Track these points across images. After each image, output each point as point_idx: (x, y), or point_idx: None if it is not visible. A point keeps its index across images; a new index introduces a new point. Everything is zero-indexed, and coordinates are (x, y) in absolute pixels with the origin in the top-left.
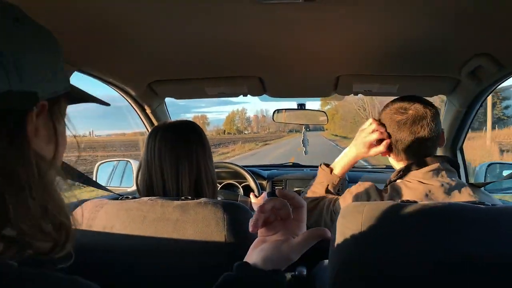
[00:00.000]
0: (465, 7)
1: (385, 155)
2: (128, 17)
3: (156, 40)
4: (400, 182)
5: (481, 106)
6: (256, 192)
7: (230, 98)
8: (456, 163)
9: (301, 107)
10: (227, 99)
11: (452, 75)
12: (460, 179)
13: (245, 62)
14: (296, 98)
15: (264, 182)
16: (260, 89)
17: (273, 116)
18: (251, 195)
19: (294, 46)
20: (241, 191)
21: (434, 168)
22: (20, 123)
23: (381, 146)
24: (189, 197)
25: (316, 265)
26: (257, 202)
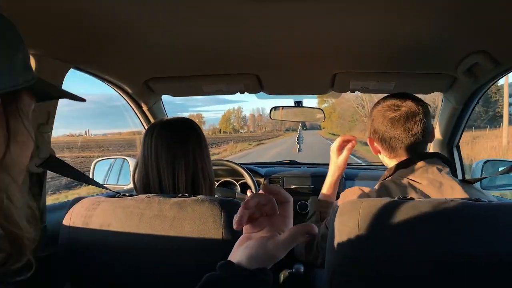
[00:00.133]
0: (462, 4)
1: (377, 153)
2: (124, 14)
3: (152, 37)
4: (389, 181)
5: (478, 103)
6: (253, 190)
7: (228, 97)
8: (448, 160)
9: (298, 104)
10: (225, 98)
11: (448, 72)
12: (454, 175)
13: (241, 59)
14: (293, 95)
15: (261, 180)
16: (257, 86)
17: (270, 113)
18: (248, 192)
19: (290, 43)
20: (238, 189)
21: (424, 165)
22: None
23: (345, 150)
24: (186, 194)
25: None
26: None
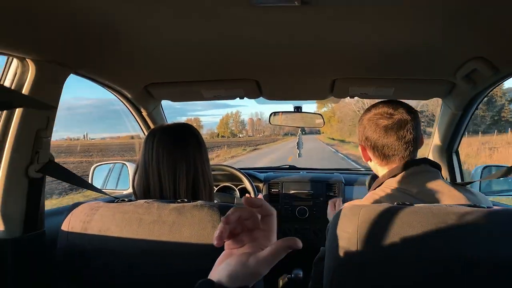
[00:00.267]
0: (460, 10)
1: (368, 160)
2: (124, 20)
3: (152, 42)
4: (379, 191)
5: (477, 109)
6: (252, 194)
7: (227, 101)
8: (436, 163)
9: (297, 109)
10: (224, 103)
11: (447, 78)
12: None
13: (241, 65)
14: (292, 101)
15: (260, 185)
16: (257, 91)
17: (269, 118)
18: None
19: (290, 49)
20: (238, 194)
21: (413, 173)
22: None
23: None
24: (185, 199)
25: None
26: None
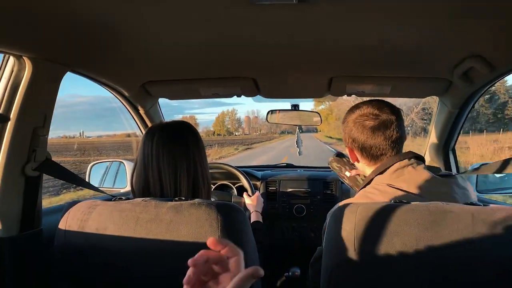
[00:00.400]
0: (458, 9)
1: (355, 161)
2: (121, 17)
3: (149, 41)
4: (369, 188)
5: (473, 107)
6: (250, 193)
7: (224, 99)
8: (420, 156)
9: (294, 108)
10: (221, 101)
11: (444, 76)
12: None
13: (239, 63)
14: (289, 99)
15: (257, 183)
16: (254, 90)
17: (267, 117)
18: (245, 195)
19: (287, 47)
20: (235, 192)
21: (399, 167)
22: None
23: None
24: (183, 198)
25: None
26: (251, 202)
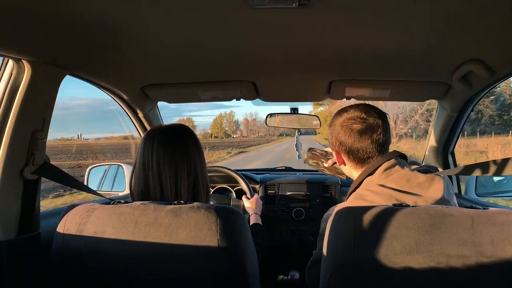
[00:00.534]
0: (457, 13)
1: (341, 164)
2: (121, 21)
3: (148, 44)
4: (362, 190)
5: (472, 110)
6: (249, 196)
7: (223, 102)
8: (403, 154)
9: (294, 111)
10: (220, 103)
11: (443, 80)
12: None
13: (238, 66)
14: (289, 102)
15: (256, 186)
16: (253, 93)
17: (266, 120)
18: (243, 198)
19: (287, 51)
20: (234, 195)
21: (387, 167)
22: None
23: None
24: (181, 201)
25: None
26: (250, 205)
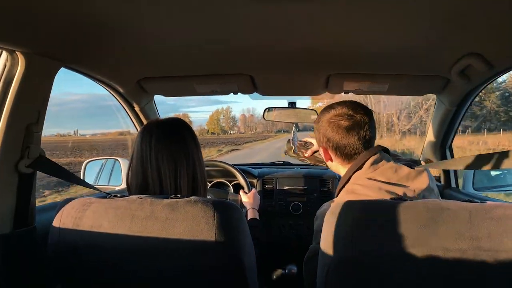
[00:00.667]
0: (455, 7)
1: (328, 160)
2: (117, 12)
3: (145, 36)
4: (352, 184)
5: (471, 105)
6: (246, 190)
7: (221, 98)
8: (386, 148)
9: (291, 105)
10: (218, 99)
11: (442, 74)
12: (448, 177)
13: (235, 60)
14: (286, 96)
15: (254, 181)
16: (251, 87)
17: (263, 114)
18: (241, 192)
19: (284, 45)
20: (231, 189)
21: (374, 160)
22: None
23: None
24: (178, 195)
25: None
26: (248, 200)
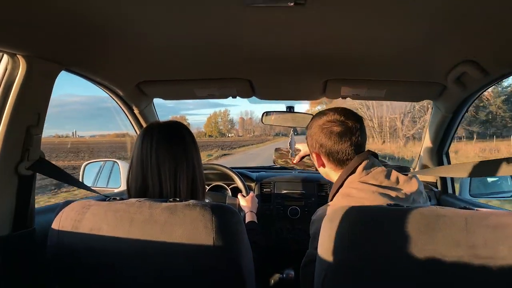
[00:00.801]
0: (452, 14)
1: (320, 166)
2: (116, 16)
3: (145, 40)
4: (346, 188)
5: (467, 111)
6: (244, 194)
7: (219, 101)
8: (375, 153)
9: (289, 109)
10: (217, 102)
11: (438, 81)
12: (444, 182)
13: (234, 64)
14: (284, 100)
15: (252, 184)
16: (249, 91)
17: (262, 118)
18: (239, 195)
19: (282, 49)
20: (229, 193)
21: (365, 164)
22: None
23: None
24: (177, 199)
25: None
26: (246, 203)
